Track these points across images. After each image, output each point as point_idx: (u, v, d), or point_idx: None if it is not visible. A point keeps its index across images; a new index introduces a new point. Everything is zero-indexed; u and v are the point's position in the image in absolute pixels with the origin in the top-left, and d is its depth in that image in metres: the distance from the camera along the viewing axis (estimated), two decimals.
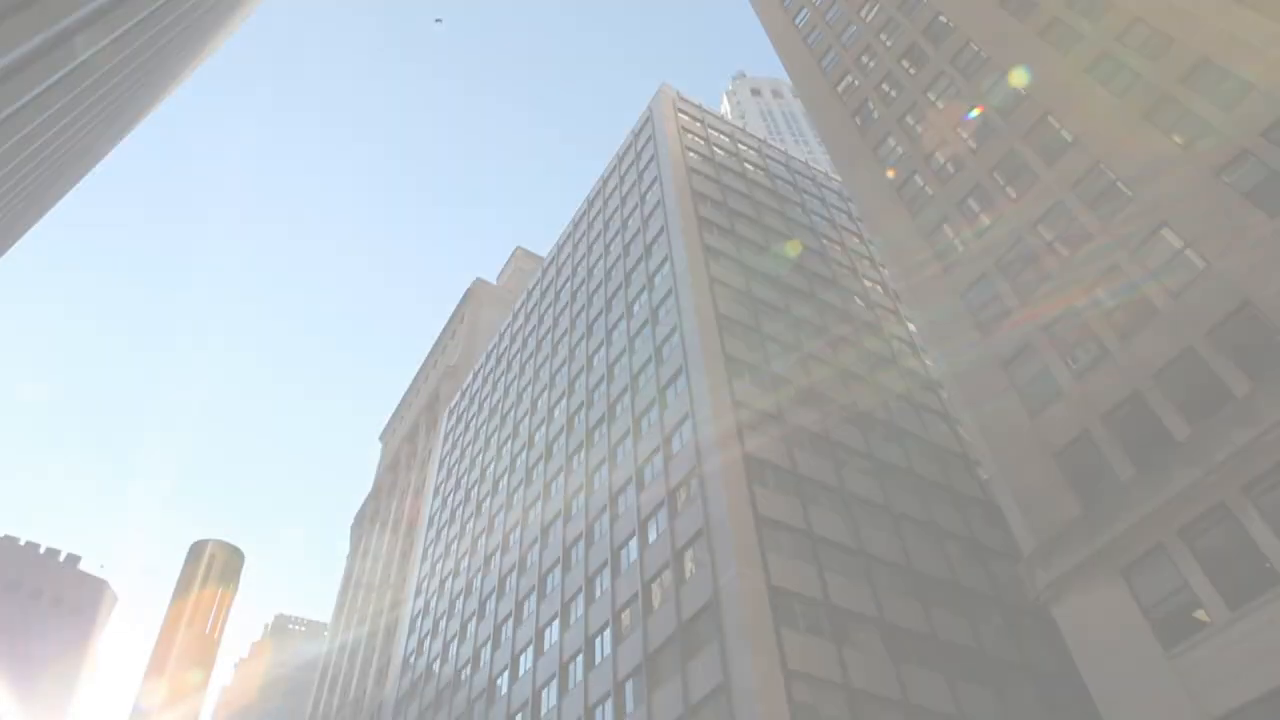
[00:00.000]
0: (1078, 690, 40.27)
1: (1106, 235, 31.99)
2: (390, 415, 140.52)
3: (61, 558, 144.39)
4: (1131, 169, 32.37)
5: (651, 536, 45.11)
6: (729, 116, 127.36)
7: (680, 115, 76.26)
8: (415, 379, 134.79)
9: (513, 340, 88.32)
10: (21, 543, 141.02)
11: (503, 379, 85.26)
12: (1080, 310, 31.63)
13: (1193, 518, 24.83)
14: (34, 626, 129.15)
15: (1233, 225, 27.66)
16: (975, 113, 41.92)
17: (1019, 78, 40.36)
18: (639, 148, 76.23)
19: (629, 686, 41.19)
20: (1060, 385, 31.04)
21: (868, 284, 65.39)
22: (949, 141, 42.99)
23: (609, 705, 41.84)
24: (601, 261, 71.84)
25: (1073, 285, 32.39)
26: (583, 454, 58.05)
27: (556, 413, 66.68)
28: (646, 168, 71.97)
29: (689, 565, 40.98)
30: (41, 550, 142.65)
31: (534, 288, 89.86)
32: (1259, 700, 21.65)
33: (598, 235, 76.20)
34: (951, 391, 37.13)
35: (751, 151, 78.25)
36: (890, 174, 46.01)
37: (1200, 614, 23.84)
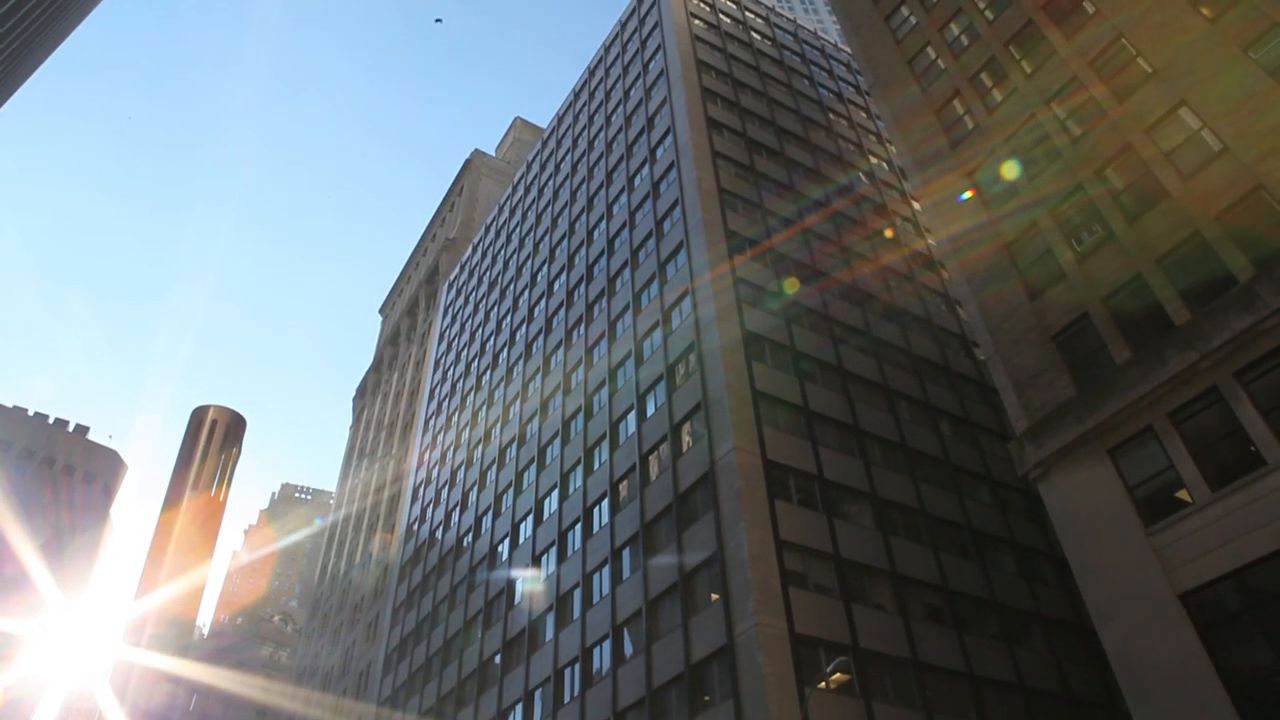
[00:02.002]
0: (1058, 564, 41.89)
1: (1122, 113, 31.15)
2: (390, 289, 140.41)
3: (70, 428, 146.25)
4: (1154, 43, 31.23)
5: (649, 410, 45.80)
6: None
7: None
8: (414, 252, 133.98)
9: (512, 213, 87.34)
10: (30, 413, 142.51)
11: (502, 252, 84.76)
12: (1088, 191, 31.13)
13: (1184, 401, 25.14)
14: (53, 495, 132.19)
15: (1254, 106, 26.89)
16: None
17: None
18: (642, 14, 73.35)
19: (625, 554, 42.65)
20: (1063, 267, 30.85)
21: (873, 160, 64.19)
22: (964, 11, 41.33)
23: (606, 571, 43.43)
24: (603, 133, 70.26)
25: (1083, 165, 31.76)
26: (582, 328, 58.32)
27: (556, 287, 66.61)
28: (650, 35, 69.47)
29: (686, 439, 41.78)
30: (50, 421, 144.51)
31: (534, 160, 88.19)
32: (1228, 576, 22.49)
33: (599, 106, 74.24)
34: (953, 271, 36.93)
35: (759, 20, 75.34)
36: (902, 45, 44.43)
37: (1182, 494, 24.44)
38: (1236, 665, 21.87)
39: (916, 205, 60.08)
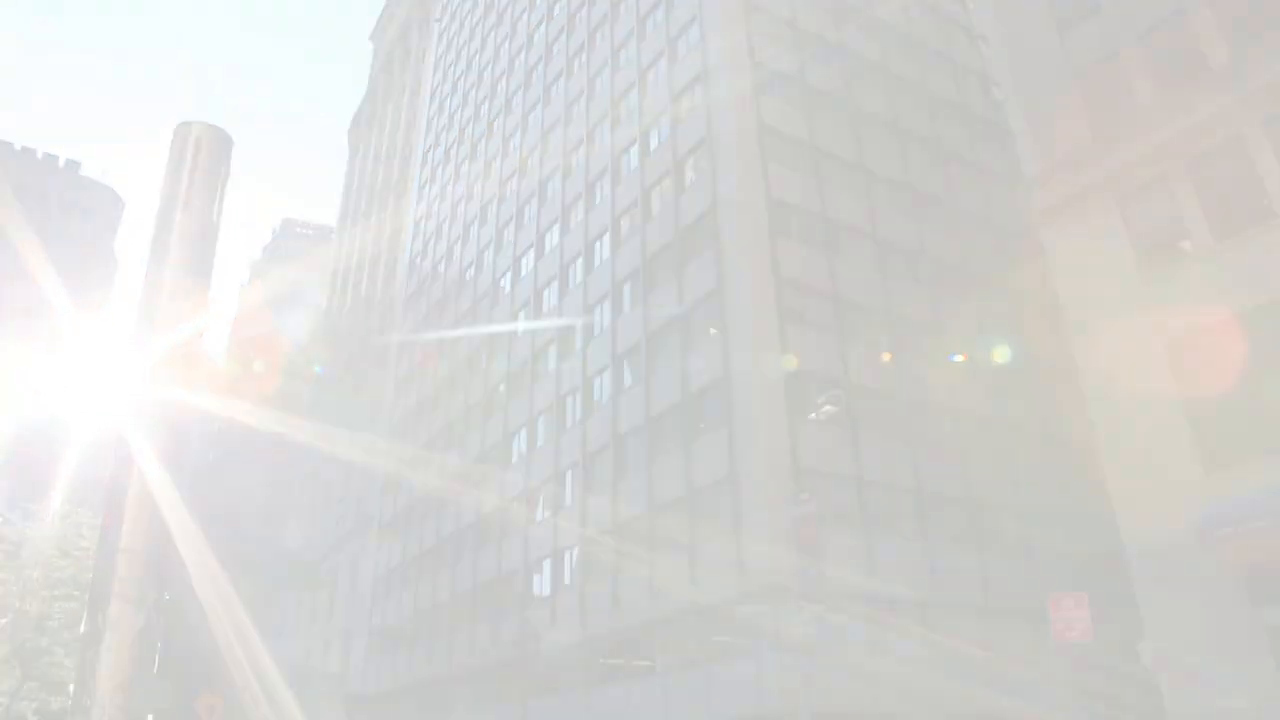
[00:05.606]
0: (1049, 305, 42.67)
1: None
2: (379, 13, 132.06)
3: (61, 164, 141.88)
4: None
5: (653, 144, 44.71)
6: None
7: None
8: None
9: None
10: (17, 148, 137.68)
11: None
12: None
13: (1203, 149, 24.34)
14: (56, 231, 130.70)
15: None
16: None
17: None
18: None
19: (626, 288, 43.33)
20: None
21: None
22: None
23: (607, 305, 44.32)
24: None
25: None
26: (584, 56, 55.53)
27: (557, 10, 62.64)
28: None
29: (689, 174, 41.12)
30: (39, 156, 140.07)
31: None
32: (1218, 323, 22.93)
33: None
34: (979, 1, 34.61)
35: None
36: None
37: (1185, 244, 24.38)
38: (1201, 393, 22.86)
39: None
